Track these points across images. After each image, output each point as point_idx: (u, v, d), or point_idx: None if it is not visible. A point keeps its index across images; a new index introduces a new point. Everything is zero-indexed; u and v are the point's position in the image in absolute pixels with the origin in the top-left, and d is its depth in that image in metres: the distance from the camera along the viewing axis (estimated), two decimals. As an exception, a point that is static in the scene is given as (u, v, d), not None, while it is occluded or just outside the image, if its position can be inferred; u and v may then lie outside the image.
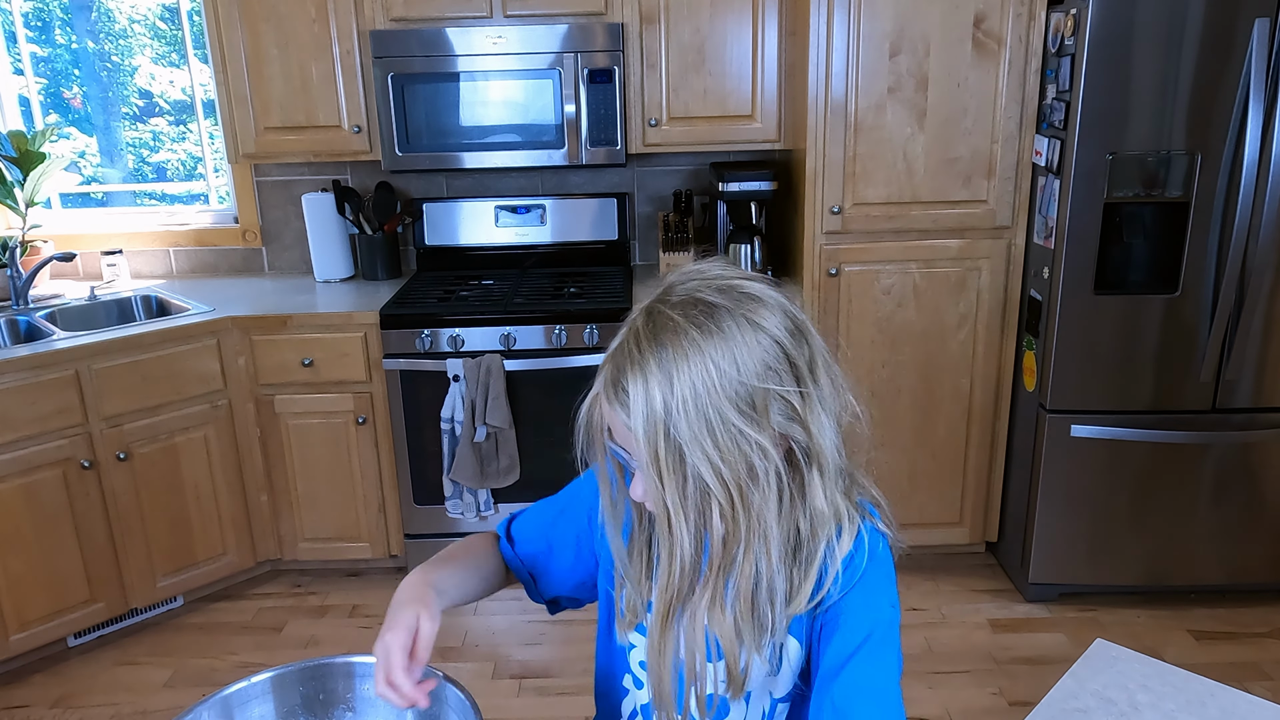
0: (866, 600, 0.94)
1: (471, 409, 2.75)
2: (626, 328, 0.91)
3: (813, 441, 0.90)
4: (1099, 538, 2.74)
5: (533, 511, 1.19)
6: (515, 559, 1.17)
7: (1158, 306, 2.54)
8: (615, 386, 0.87)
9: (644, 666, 1.09)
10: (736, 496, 0.86)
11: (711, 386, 0.84)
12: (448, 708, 1.05)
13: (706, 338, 0.85)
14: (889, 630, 0.94)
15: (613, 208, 3.23)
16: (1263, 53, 2.31)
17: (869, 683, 0.91)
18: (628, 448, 0.90)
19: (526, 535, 1.18)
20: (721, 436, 0.84)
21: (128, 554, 2.71)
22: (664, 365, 0.84)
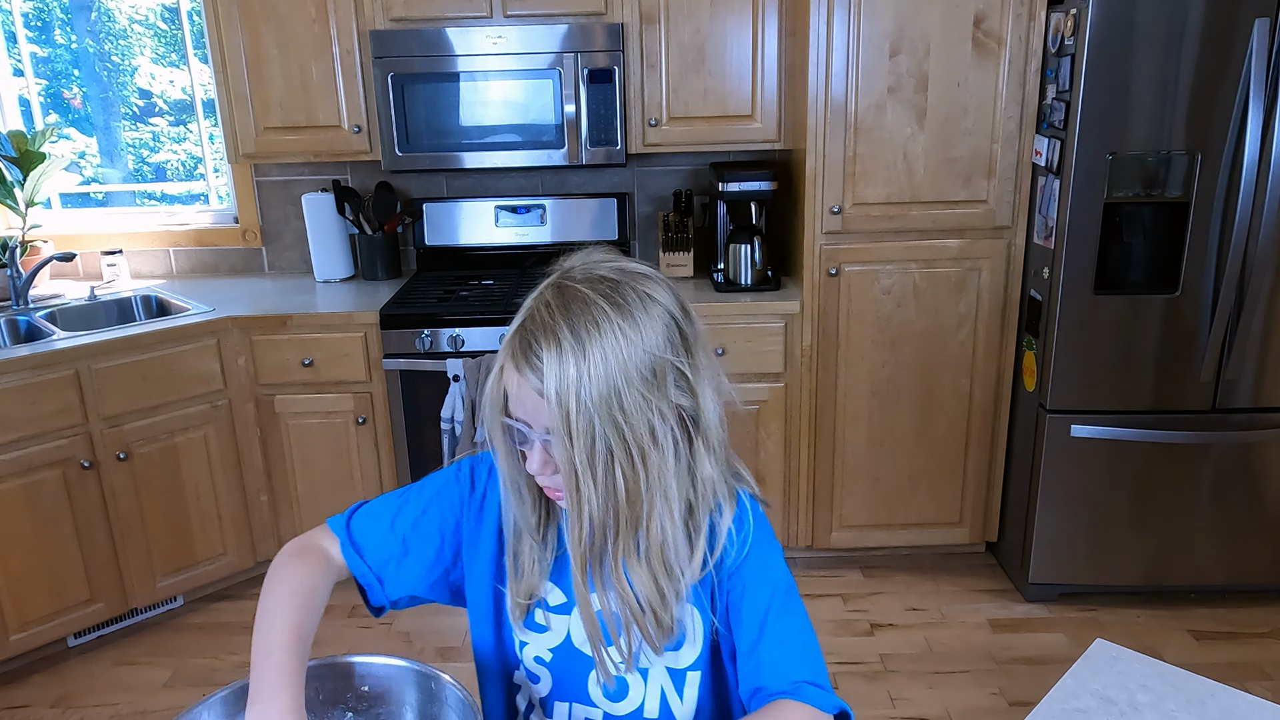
0: (764, 561, 1.03)
1: (471, 409, 2.75)
2: (533, 302, 0.95)
3: (700, 411, 0.97)
4: (1099, 538, 2.74)
5: (381, 511, 1.13)
6: (364, 566, 1.10)
7: (1158, 306, 2.54)
8: (527, 355, 0.91)
9: (540, 661, 1.11)
10: (639, 457, 0.92)
11: (620, 354, 0.90)
12: (447, 708, 1.05)
13: (614, 309, 0.92)
14: (791, 584, 1.03)
15: (613, 208, 3.23)
16: (1263, 53, 2.31)
17: (791, 635, 1.00)
18: (529, 419, 0.94)
19: (376, 540, 1.11)
20: (627, 401, 0.90)
21: (128, 554, 2.71)
22: (577, 334, 0.90)
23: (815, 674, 0.99)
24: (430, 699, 1.08)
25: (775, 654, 0.99)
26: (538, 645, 1.11)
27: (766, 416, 2.86)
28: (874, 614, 2.82)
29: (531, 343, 0.91)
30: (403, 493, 1.15)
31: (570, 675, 1.11)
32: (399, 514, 1.12)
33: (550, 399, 0.89)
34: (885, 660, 2.60)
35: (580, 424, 0.89)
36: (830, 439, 2.91)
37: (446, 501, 1.13)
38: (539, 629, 1.10)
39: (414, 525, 1.12)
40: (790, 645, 1.00)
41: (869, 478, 2.95)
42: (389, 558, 1.11)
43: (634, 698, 1.09)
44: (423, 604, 1.17)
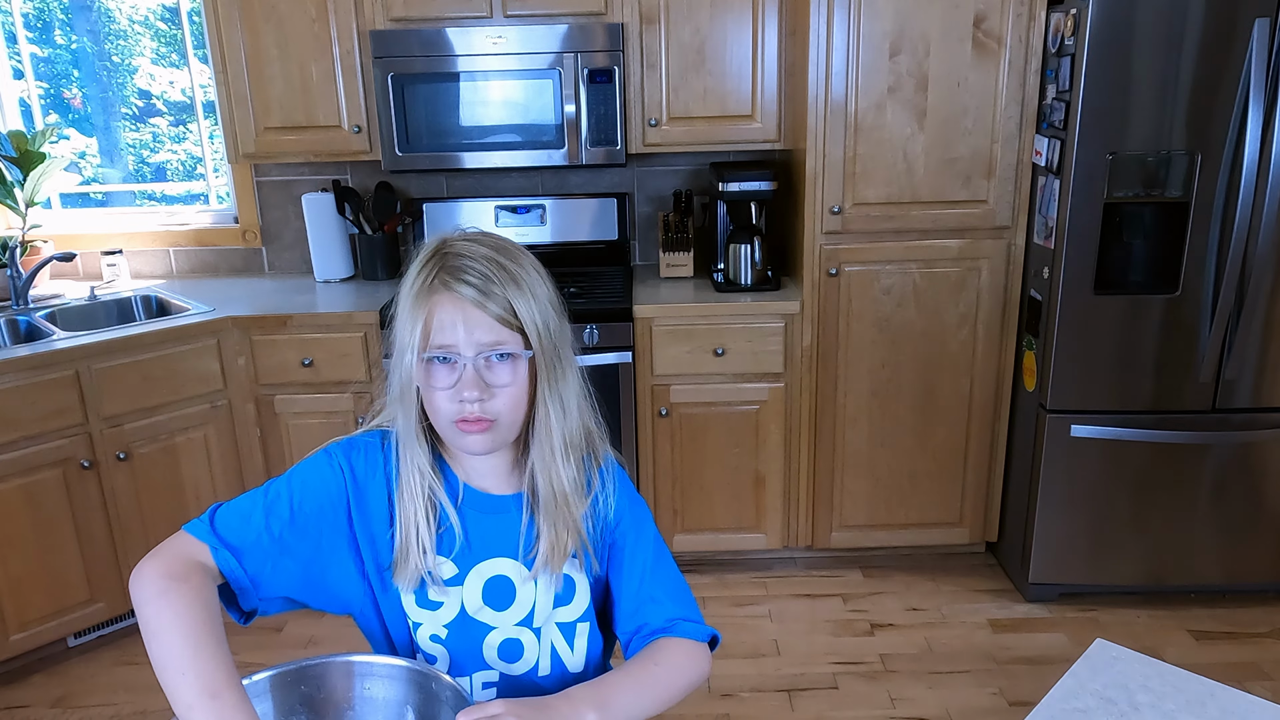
0: (639, 517, 1.19)
1: (471, 409, 2.74)
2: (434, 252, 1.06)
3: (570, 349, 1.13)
4: (1099, 538, 2.74)
5: (249, 510, 1.07)
6: (239, 570, 1.04)
7: (1158, 306, 2.54)
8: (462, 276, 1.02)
9: (436, 640, 1.15)
10: (568, 365, 1.11)
11: (543, 282, 1.08)
12: (446, 708, 1.05)
13: (523, 253, 1.08)
14: (659, 536, 1.20)
15: (613, 208, 3.23)
16: (1263, 53, 2.31)
17: (667, 580, 1.18)
18: (460, 342, 1.03)
19: (250, 540, 1.05)
20: (556, 323, 1.09)
21: (128, 554, 2.71)
22: (525, 269, 1.06)
23: (690, 610, 1.16)
24: (430, 699, 1.08)
25: (656, 596, 1.16)
26: (433, 623, 1.14)
27: (766, 416, 2.86)
28: (874, 614, 2.82)
29: (468, 268, 1.02)
30: (267, 489, 1.10)
31: (467, 646, 1.15)
32: (271, 512, 1.07)
33: (524, 317, 1.03)
34: (885, 660, 2.60)
35: (546, 336, 1.06)
36: (830, 439, 2.90)
37: (324, 494, 1.10)
38: (432, 605, 1.14)
39: (290, 522, 1.07)
40: (668, 588, 1.17)
41: (869, 478, 2.95)
42: (265, 557, 1.06)
43: (529, 658, 1.16)
44: (293, 609, 1.13)
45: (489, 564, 1.14)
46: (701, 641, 1.15)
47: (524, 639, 1.16)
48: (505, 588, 1.14)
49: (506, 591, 1.14)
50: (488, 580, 1.14)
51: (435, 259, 1.05)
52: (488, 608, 1.14)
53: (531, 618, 1.15)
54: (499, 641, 1.16)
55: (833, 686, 2.50)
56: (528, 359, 1.06)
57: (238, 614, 1.09)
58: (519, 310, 1.03)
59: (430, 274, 1.04)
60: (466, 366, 1.03)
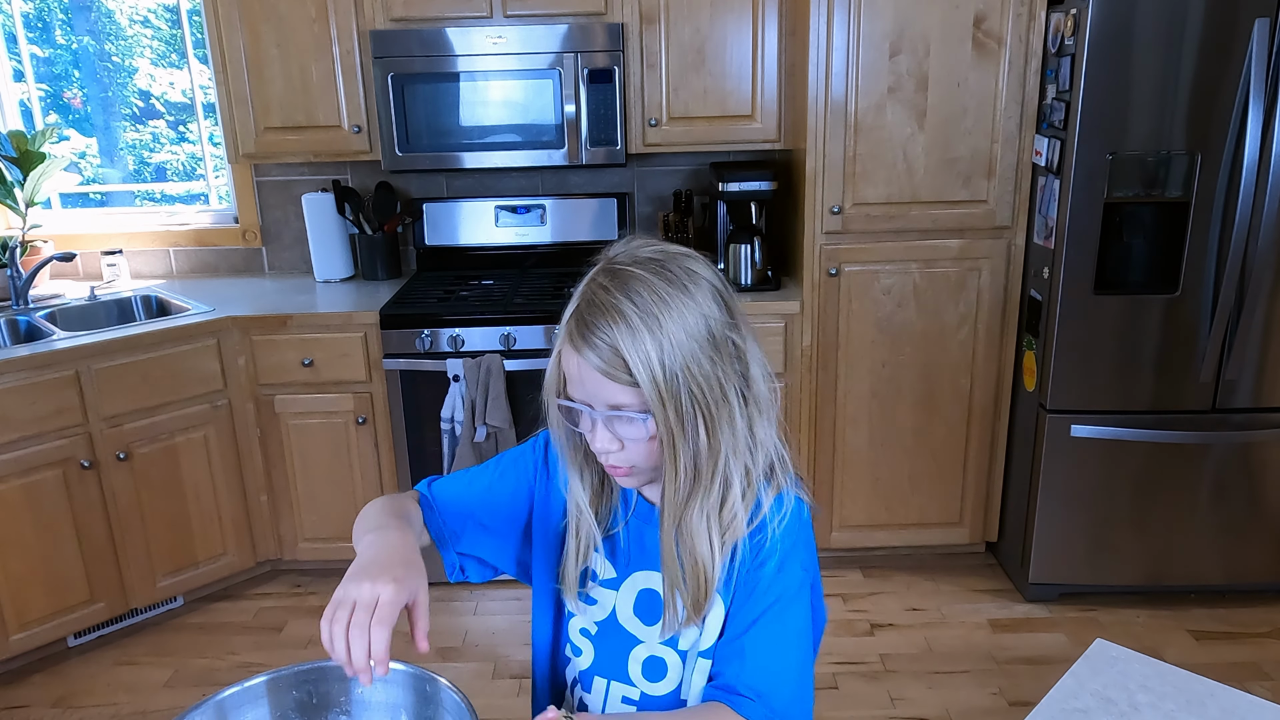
0: (784, 565, 1.05)
1: (471, 409, 2.75)
2: (587, 287, 0.99)
3: (751, 376, 1.02)
4: (1099, 538, 2.74)
5: (461, 475, 1.20)
6: (439, 521, 1.16)
7: (1158, 306, 2.54)
8: (592, 336, 0.95)
9: (585, 634, 1.15)
10: (716, 415, 0.98)
11: (685, 323, 0.96)
12: (443, 710, 1.05)
13: (669, 285, 0.97)
14: (797, 595, 1.05)
15: (613, 208, 3.23)
16: (1263, 53, 2.31)
17: (773, 643, 1.03)
18: (592, 399, 0.98)
19: (452, 498, 1.18)
20: (701, 364, 0.97)
21: (128, 554, 2.71)
22: (644, 309, 0.95)
23: (774, 689, 1.02)
24: (426, 702, 1.07)
25: (747, 655, 1.04)
26: (585, 618, 1.15)
27: (766, 416, 2.86)
28: (874, 614, 2.82)
29: (595, 324, 0.96)
30: (482, 464, 1.22)
31: (612, 651, 1.14)
32: (475, 479, 1.19)
33: (638, 374, 0.94)
34: (885, 660, 2.60)
35: (668, 391, 0.95)
36: (830, 439, 2.90)
37: (520, 471, 1.19)
38: (589, 601, 1.14)
39: (488, 488, 1.18)
40: (766, 652, 1.03)
41: (869, 478, 2.95)
42: (464, 516, 1.17)
43: (672, 678, 1.12)
44: (495, 576, 1.23)
45: (645, 575, 1.12)
46: None
47: (669, 660, 1.11)
48: (654, 602, 1.11)
49: (655, 606, 1.11)
50: (641, 590, 1.11)
51: (583, 291, 0.99)
52: (636, 619, 1.12)
53: (677, 639, 1.10)
54: (644, 657, 1.12)
55: (833, 686, 2.50)
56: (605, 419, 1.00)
57: (448, 569, 1.20)
58: (636, 371, 0.94)
59: (570, 312, 0.99)
60: (596, 421, 1.00)
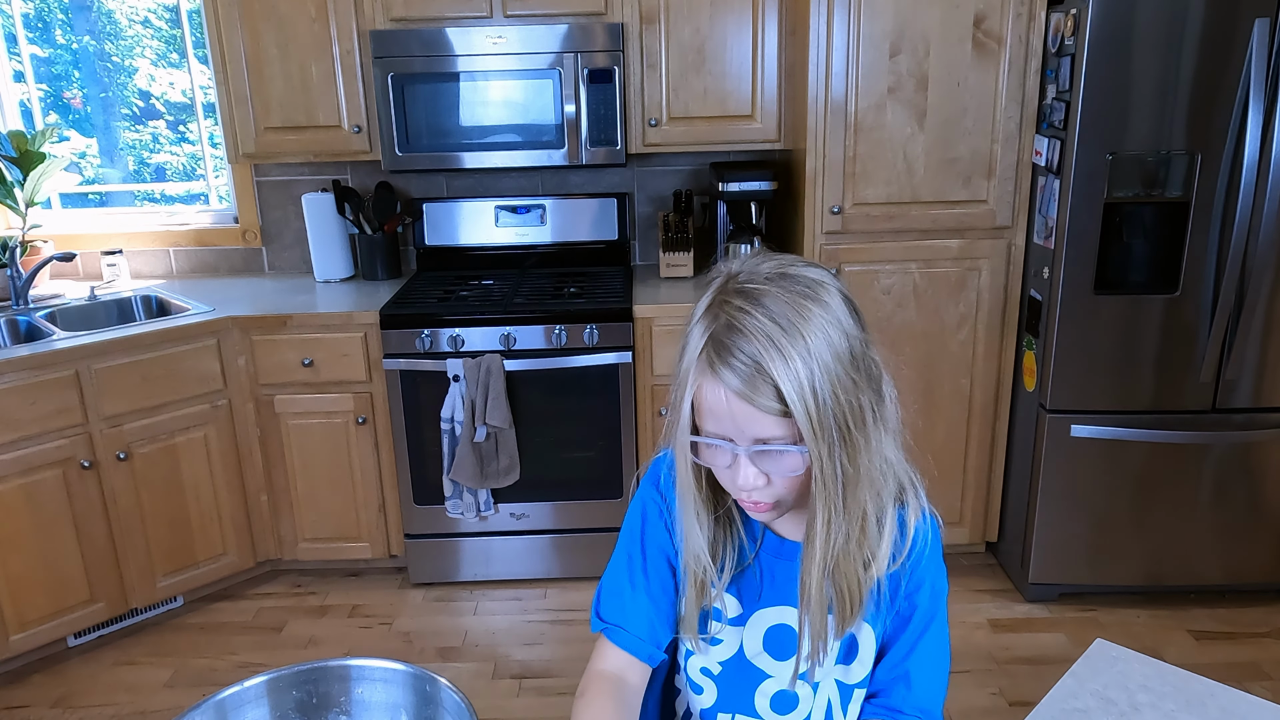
0: (937, 587, 1.05)
1: (471, 409, 2.75)
2: (714, 314, 0.90)
3: (883, 393, 0.95)
4: (1099, 538, 2.74)
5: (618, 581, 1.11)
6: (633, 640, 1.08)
7: (1158, 306, 2.54)
8: (731, 362, 0.87)
9: (706, 673, 1.10)
10: (861, 442, 0.91)
11: (829, 341, 0.88)
12: (443, 710, 1.05)
13: (806, 299, 0.89)
14: (945, 612, 1.07)
15: (613, 208, 3.23)
16: (1263, 53, 2.31)
17: (932, 664, 1.05)
18: (735, 433, 0.90)
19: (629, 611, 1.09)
20: (847, 388, 0.89)
21: (128, 554, 2.71)
22: (787, 328, 0.87)
23: (933, 703, 1.05)
24: (426, 702, 1.08)
25: (912, 677, 1.05)
26: (707, 658, 1.10)
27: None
28: (874, 614, 2.82)
29: (736, 350, 0.87)
30: (622, 551, 1.12)
31: (738, 688, 1.10)
32: (632, 572, 1.10)
33: (793, 405, 0.86)
34: (885, 660, 2.60)
35: (819, 421, 0.87)
36: (830, 439, 2.90)
37: (655, 527, 1.10)
38: (712, 641, 1.09)
39: (645, 573, 1.09)
40: (927, 673, 1.05)
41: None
42: (645, 618, 1.08)
43: (801, 710, 1.09)
44: None
45: (775, 611, 1.07)
46: None
47: (801, 692, 1.08)
48: (788, 637, 1.07)
49: (789, 641, 1.06)
50: (771, 626, 1.07)
51: (711, 316, 0.90)
52: (766, 654, 1.08)
53: (810, 671, 1.05)
54: (774, 691, 1.09)
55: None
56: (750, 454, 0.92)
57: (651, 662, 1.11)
58: (789, 399, 0.86)
59: (702, 340, 0.90)
60: (739, 457, 0.91)
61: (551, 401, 2.81)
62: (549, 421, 2.82)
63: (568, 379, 2.79)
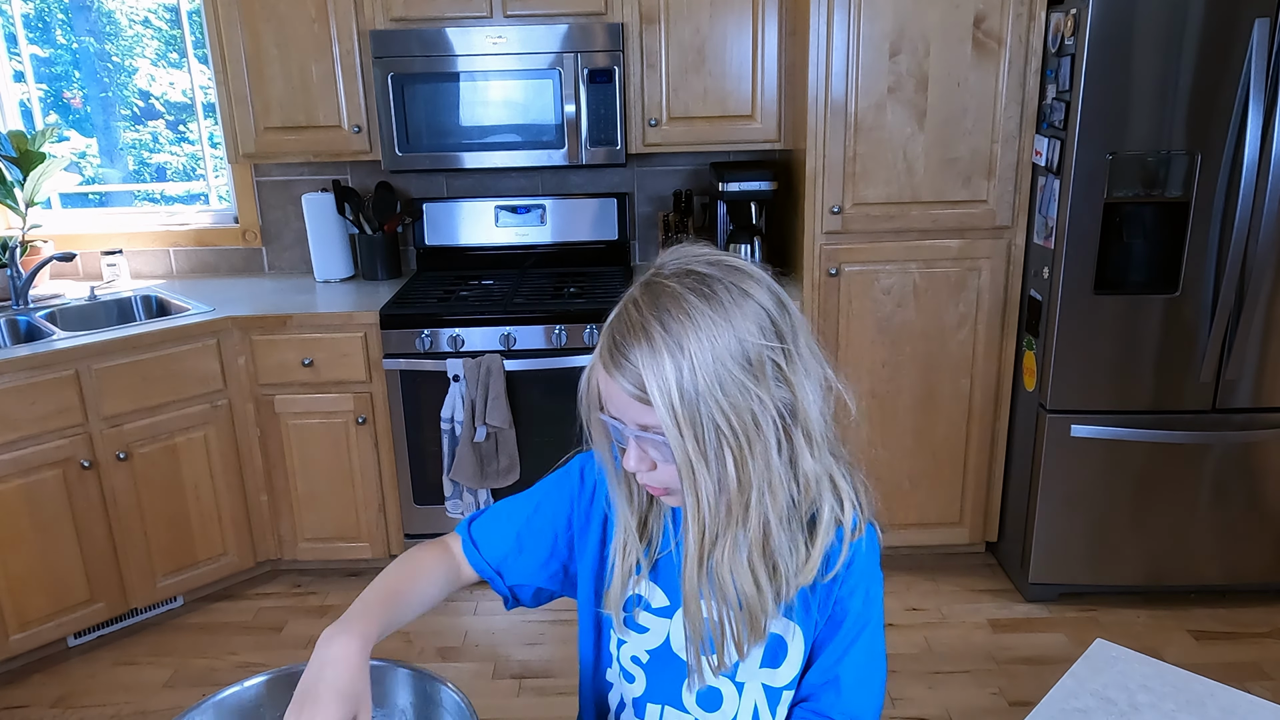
0: (870, 594, 1.07)
1: (471, 409, 2.75)
2: (624, 302, 0.95)
3: (798, 403, 0.95)
4: (1099, 538, 2.74)
5: (499, 511, 1.20)
6: (481, 561, 1.17)
7: (1158, 306, 2.54)
8: (616, 354, 0.92)
9: (636, 661, 1.12)
10: (747, 447, 0.92)
11: (714, 346, 0.89)
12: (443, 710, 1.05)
13: (705, 302, 0.91)
14: (881, 620, 1.08)
15: (613, 208, 3.23)
16: (1263, 53, 2.31)
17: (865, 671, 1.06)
18: (622, 417, 0.95)
19: (492, 536, 1.17)
20: (730, 390, 0.90)
21: (128, 554, 2.71)
22: (670, 329, 0.89)
23: (865, 712, 1.06)
24: (426, 702, 1.07)
25: (842, 683, 1.05)
26: (636, 646, 1.11)
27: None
28: (874, 614, 2.82)
29: (620, 342, 0.92)
30: (520, 495, 1.20)
31: (665, 679, 1.11)
32: (514, 512, 1.18)
33: (652, 396, 0.89)
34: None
35: (685, 417, 0.89)
36: (830, 439, 2.90)
37: (558, 497, 1.16)
38: (639, 629, 1.11)
39: (526, 521, 1.16)
40: (859, 678, 1.06)
41: (868, 477, 2.94)
42: (505, 552, 1.16)
43: (727, 709, 1.09)
44: (553, 598, 1.21)
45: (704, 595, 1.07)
46: None
47: (725, 690, 1.08)
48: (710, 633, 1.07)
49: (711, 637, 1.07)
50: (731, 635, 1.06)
51: (620, 309, 0.95)
52: None
53: (736, 670, 1.06)
54: (699, 687, 1.09)
55: (833, 686, 2.49)
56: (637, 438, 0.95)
57: (504, 600, 1.21)
58: (651, 394, 0.89)
59: (605, 328, 0.95)
60: (629, 440, 0.96)
61: (551, 401, 2.81)
62: (549, 421, 2.82)
63: (568, 379, 2.79)
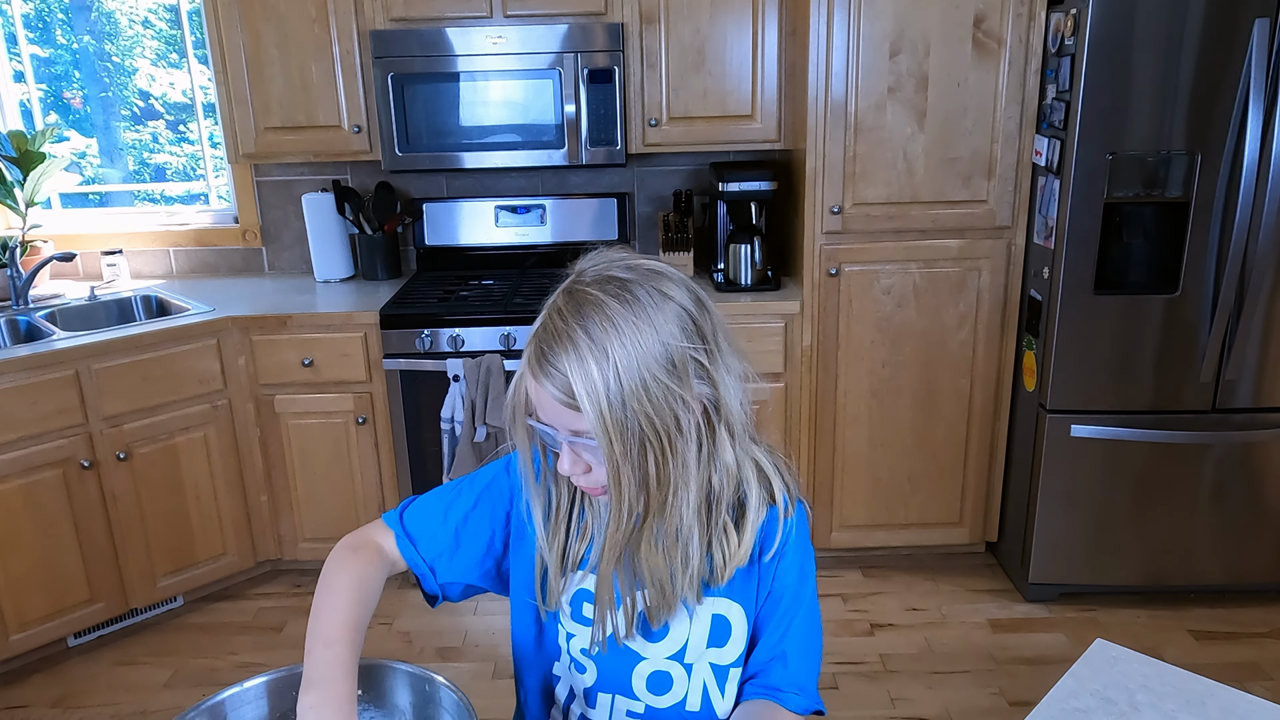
0: (805, 569, 1.11)
1: (472, 409, 2.75)
2: (547, 310, 0.97)
3: (721, 399, 0.99)
4: (1099, 538, 2.74)
5: (434, 505, 1.17)
6: (417, 557, 1.14)
7: (1158, 306, 2.54)
8: (544, 363, 0.93)
9: (586, 653, 1.13)
10: (668, 447, 0.95)
11: (638, 350, 0.92)
12: (443, 710, 1.05)
13: (626, 307, 0.93)
14: (815, 592, 1.14)
15: (613, 208, 3.23)
16: (1263, 53, 2.31)
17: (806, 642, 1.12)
18: (554, 423, 0.96)
19: (429, 531, 1.15)
20: (654, 393, 0.92)
21: (128, 554, 2.71)
22: (594, 336, 0.92)
23: (809, 679, 1.11)
24: (425, 701, 1.08)
25: (788, 655, 1.10)
26: (585, 638, 1.12)
27: (766, 416, 2.86)
28: (874, 614, 2.82)
29: (548, 351, 0.93)
30: (455, 485, 1.18)
31: (616, 668, 1.12)
32: (451, 506, 1.16)
33: (581, 403, 0.91)
34: (885, 660, 2.60)
35: (613, 422, 0.91)
36: (830, 439, 2.90)
37: (496, 494, 1.16)
38: (586, 623, 1.12)
39: (465, 517, 1.15)
40: (802, 649, 1.11)
41: (869, 478, 2.95)
42: (441, 549, 1.14)
43: (677, 691, 1.12)
44: (478, 594, 1.20)
45: (641, 595, 1.09)
46: (803, 716, 1.11)
47: (674, 673, 1.11)
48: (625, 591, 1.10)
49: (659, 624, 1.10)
50: (641, 610, 1.09)
51: (543, 318, 0.97)
52: (639, 636, 1.11)
53: (684, 652, 1.10)
54: (649, 672, 1.12)
55: (833, 686, 2.50)
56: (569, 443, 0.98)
57: (427, 597, 1.18)
58: (581, 403, 0.91)
59: (530, 337, 0.97)
60: (563, 445, 0.98)
61: (551, 401, 2.81)
62: (549, 421, 2.82)
63: (568, 379, 2.79)
